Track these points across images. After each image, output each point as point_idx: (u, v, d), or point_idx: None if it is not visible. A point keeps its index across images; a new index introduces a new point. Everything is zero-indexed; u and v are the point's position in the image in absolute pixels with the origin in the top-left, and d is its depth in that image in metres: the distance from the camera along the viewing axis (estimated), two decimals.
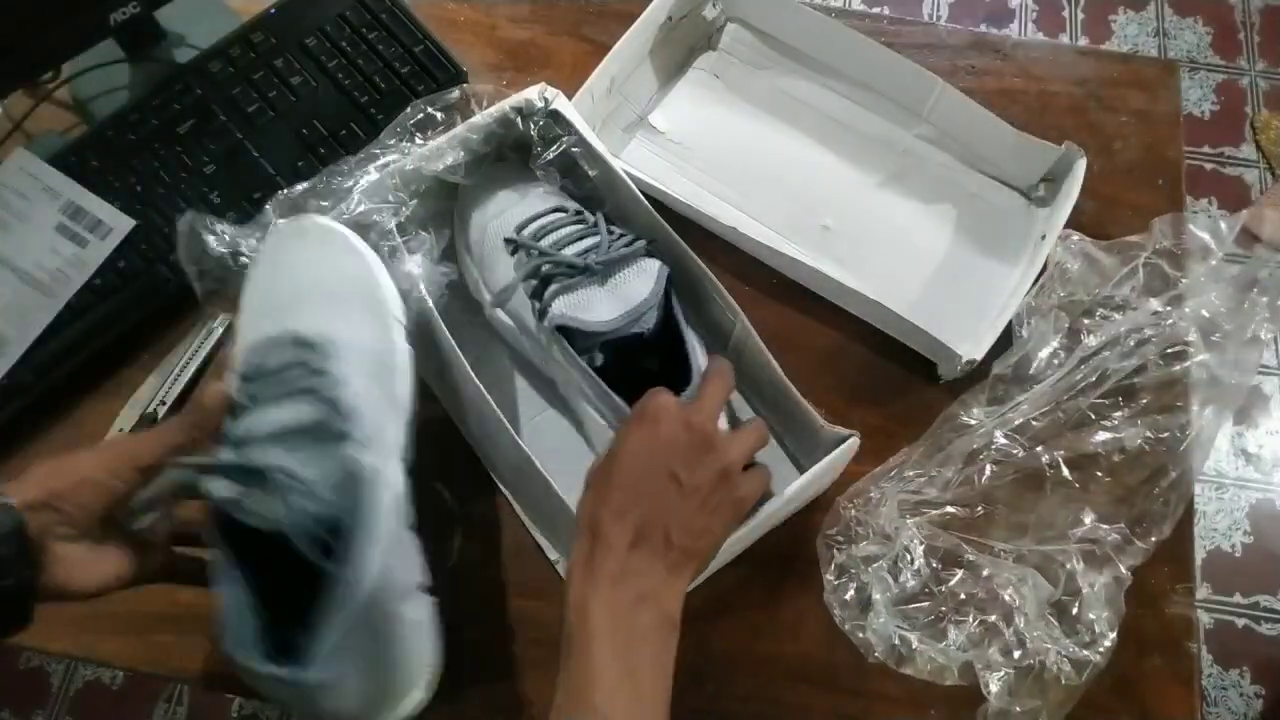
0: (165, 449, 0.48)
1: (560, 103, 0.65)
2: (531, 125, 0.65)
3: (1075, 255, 0.68)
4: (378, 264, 0.56)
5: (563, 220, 0.62)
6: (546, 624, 0.60)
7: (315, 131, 0.74)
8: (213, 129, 0.74)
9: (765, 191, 0.75)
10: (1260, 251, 1.51)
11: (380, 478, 0.48)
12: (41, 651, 0.68)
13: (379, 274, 0.56)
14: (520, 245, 0.61)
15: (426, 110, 0.66)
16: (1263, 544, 1.41)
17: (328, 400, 0.49)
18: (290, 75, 0.76)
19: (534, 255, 0.60)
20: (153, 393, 0.68)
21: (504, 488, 0.65)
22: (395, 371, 0.53)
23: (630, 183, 0.65)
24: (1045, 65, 0.81)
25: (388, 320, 0.54)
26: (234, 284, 0.58)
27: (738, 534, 0.55)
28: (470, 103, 0.66)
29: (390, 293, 0.55)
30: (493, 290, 0.64)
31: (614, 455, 0.50)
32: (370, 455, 0.49)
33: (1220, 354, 0.65)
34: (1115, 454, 0.63)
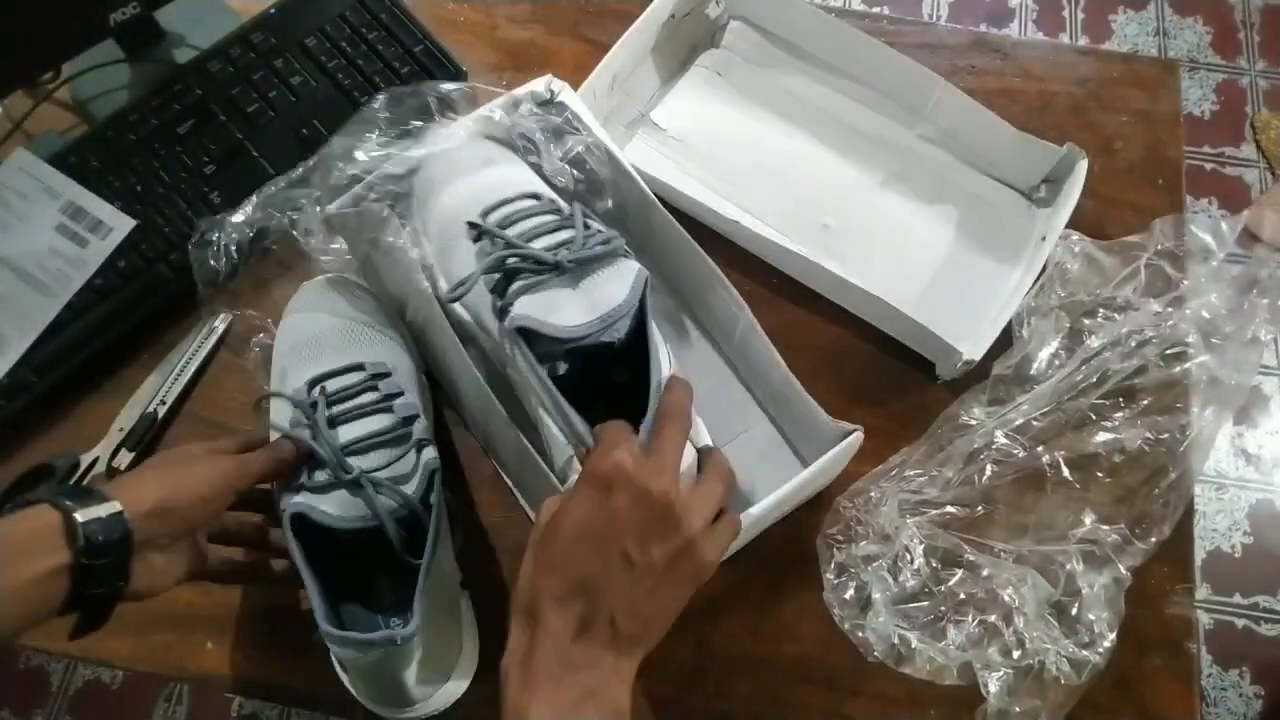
0: (258, 476, 0.52)
1: (566, 95, 0.65)
2: (535, 118, 0.64)
3: (1076, 256, 0.68)
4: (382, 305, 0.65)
5: (535, 208, 0.57)
6: None
7: (315, 131, 0.74)
8: (213, 129, 0.74)
9: (766, 189, 0.75)
10: (1260, 252, 1.51)
11: (439, 473, 0.56)
12: (41, 651, 0.68)
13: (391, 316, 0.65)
14: (485, 232, 0.56)
15: (427, 98, 0.65)
16: (1262, 544, 1.41)
17: (398, 409, 0.57)
18: (290, 75, 0.76)
19: (499, 245, 0.54)
20: (153, 393, 0.68)
21: (506, 477, 0.65)
22: (425, 387, 0.64)
23: (635, 175, 0.65)
24: (1045, 65, 0.81)
25: (409, 345, 0.64)
26: (235, 284, 0.63)
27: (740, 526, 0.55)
28: (463, 104, 0.66)
29: (403, 329, 0.65)
30: (450, 279, 0.58)
31: (557, 525, 0.45)
32: (431, 450, 0.57)
33: (1221, 355, 0.65)
34: (1115, 454, 0.63)
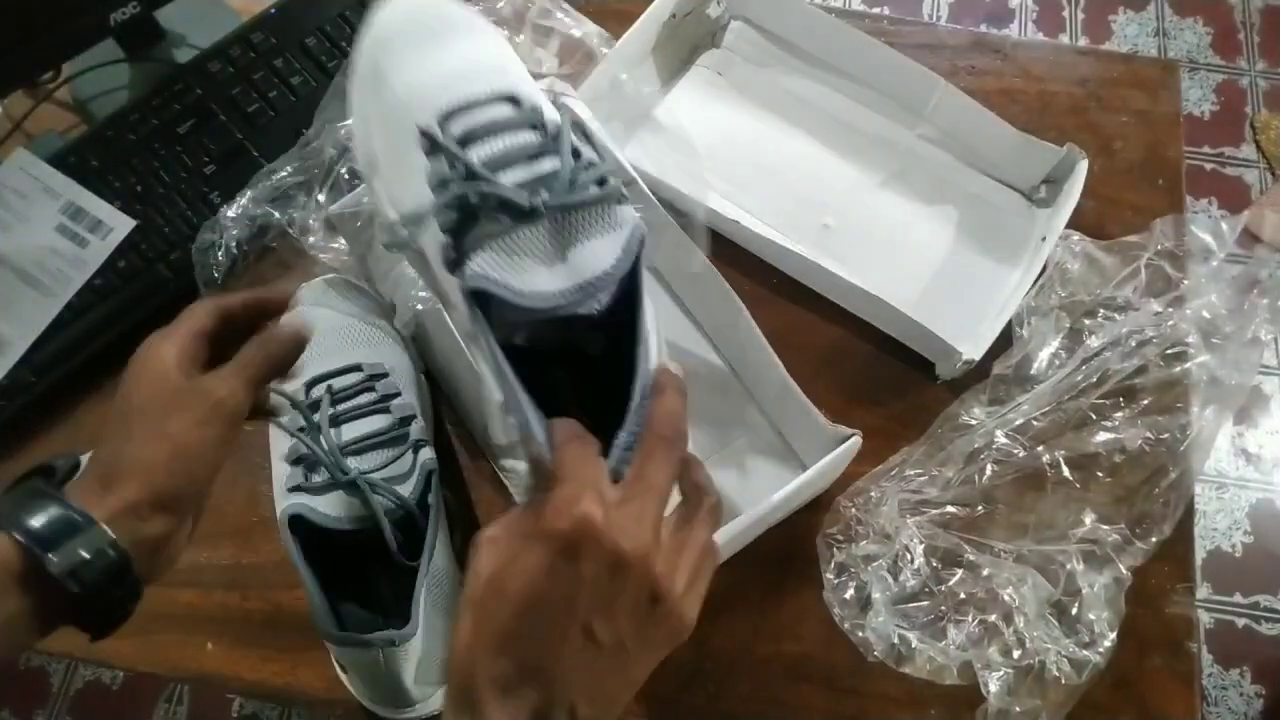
0: (247, 388, 0.42)
1: (567, 96, 0.65)
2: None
3: (1076, 256, 0.68)
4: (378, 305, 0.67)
5: (511, 121, 0.41)
6: None
7: None
8: (213, 129, 0.74)
9: (766, 189, 0.75)
10: (1261, 252, 1.51)
11: (436, 473, 0.58)
12: (41, 651, 0.68)
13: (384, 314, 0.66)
14: (440, 147, 0.40)
15: None
16: (1263, 544, 1.41)
17: (395, 410, 0.59)
18: (290, 75, 0.76)
19: (458, 172, 0.39)
20: None
21: (504, 478, 0.65)
22: (423, 387, 0.65)
23: (635, 175, 0.65)
24: (1045, 65, 0.81)
25: (408, 345, 0.65)
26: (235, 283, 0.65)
27: (736, 531, 0.55)
28: None
29: (392, 331, 0.66)
30: (400, 206, 0.42)
31: (502, 590, 0.33)
32: (429, 451, 0.59)
33: (1221, 355, 0.65)
34: (1116, 454, 0.63)
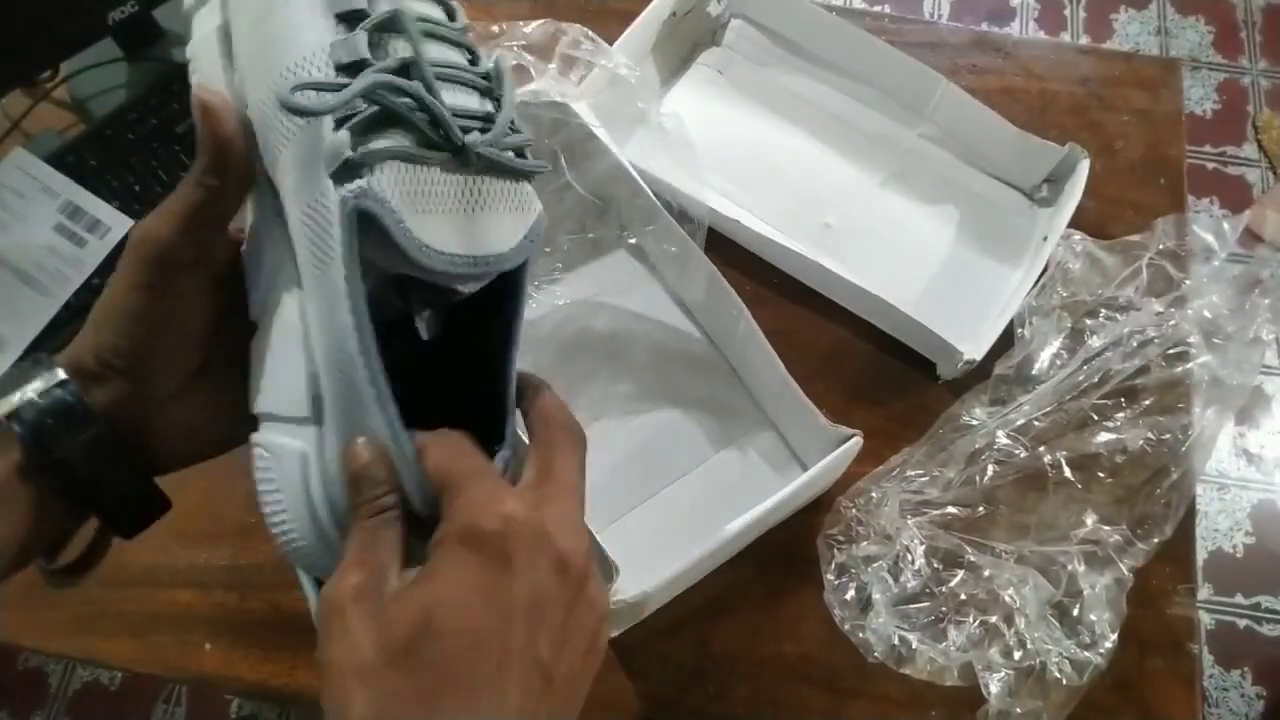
0: (170, 221, 0.31)
1: (568, 95, 0.65)
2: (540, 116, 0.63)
3: (1077, 255, 0.68)
4: None
5: (449, 32, 0.33)
6: None
7: None
8: None
9: (767, 188, 0.75)
10: (1262, 252, 1.51)
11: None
12: (40, 652, 0.68)
13: None
14: (367, 21, 0.30)
15: None
16: (1264, 545, 1.41)
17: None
18: None
19: (382, 58, 0.30)
20: None
21: None
22: None
23: (635, 174, 0.65)
24: (1047, 64, 0.81)
25: None
26: None
27: (736, 531, 0.55)
28: None
29: None
30: (274, 45, 0.31)
31: (431, 630, 0.26)
32: None
33: (1222, 355, 0.64)
34: (1117, 454, 0.63)
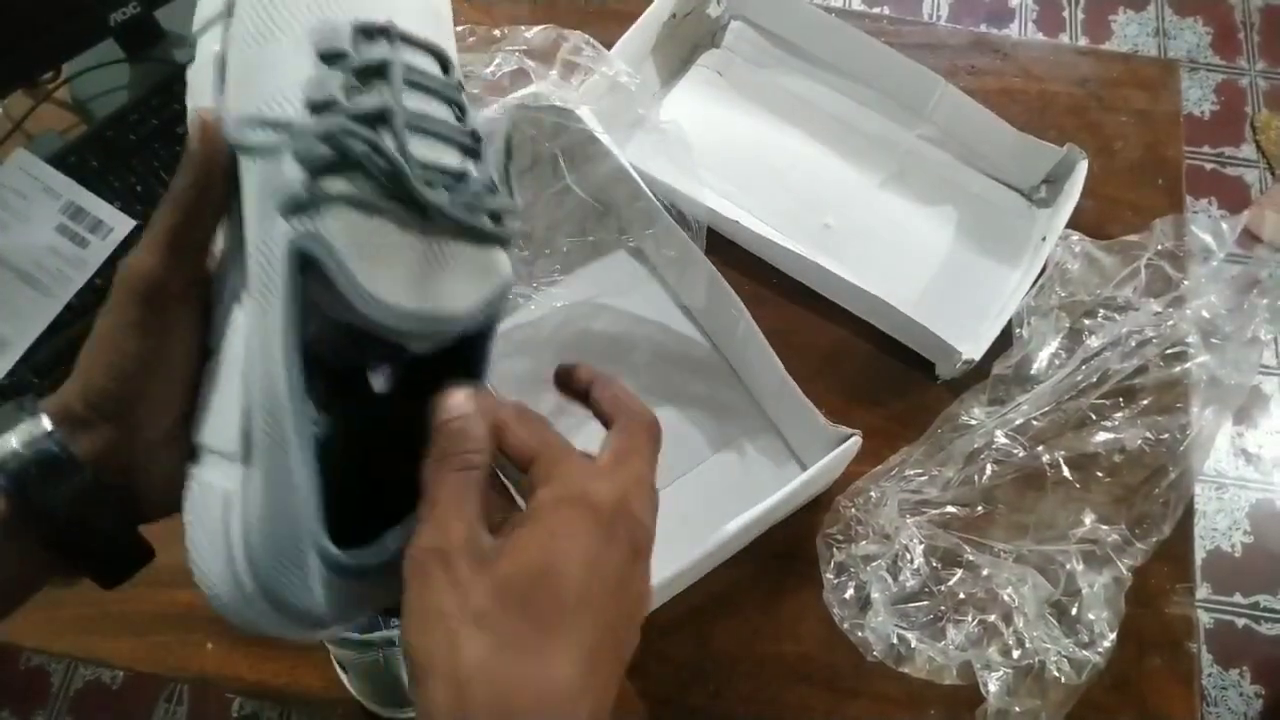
0: (158, 252, 0.31)
1: (568, 97, 0.65)
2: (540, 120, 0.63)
3: (1076, 256, 0.68)
4: None
5: (438, 85, 0.32)
6: None
7: None
8: None
9: (767, 189, 0.75)
10: (1260, 252, 1.51)
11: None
12: (42, 651, 0.68)
13: None
14: (348, 63, 0.31)
15: None
16: (1263, 544, 1.41)
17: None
18: None
19: (353, 102, 0.30)
20: None
21: (504, 475, 0.65)
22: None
23: (635, 175, 0.65)
24: (1045, 65, 0.81)
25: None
26: None
27: (736, 531, 0.55)
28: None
29: None
30: (249, 89, 0.32)
31: (544, 576, 0.29)
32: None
33: (1220, 355, 0.65)
34: (1116, 454, 0.63)
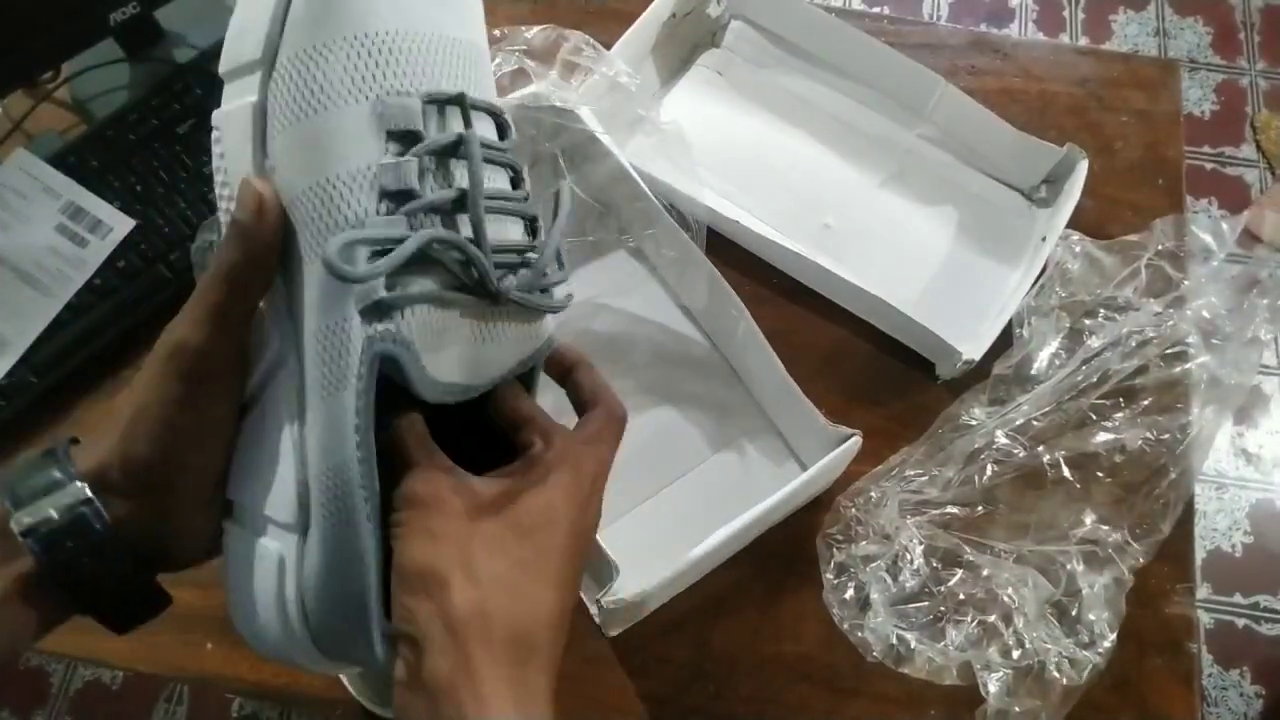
0: (203, 320, 0.35)
1: (568, 97, 0.65)
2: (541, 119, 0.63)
3: (1076, 256, 0.68)
4: None
5: (498, 154, 0.33)
6: None
7: None
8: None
9: (767, 189, 0.75)
10: (1261, 252, 1.51)
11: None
12: (41, 651, 0.68)
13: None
14: (426, 145, 0.30)
15: None
16: (1263, 544, 1.41)
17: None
18: None
19: (435, 192, 0.30)
20: None
21: None
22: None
23: (636, 175, 0.65)
24: (1045, 65, 0.81)
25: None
26: None
27: (736, 530, 0.55)
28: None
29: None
30: (313, 174, 0.31)
31: (550, 517, 0.33)
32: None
33: (1221, 355, 0.65)
34: (1116, 454, 0.63)
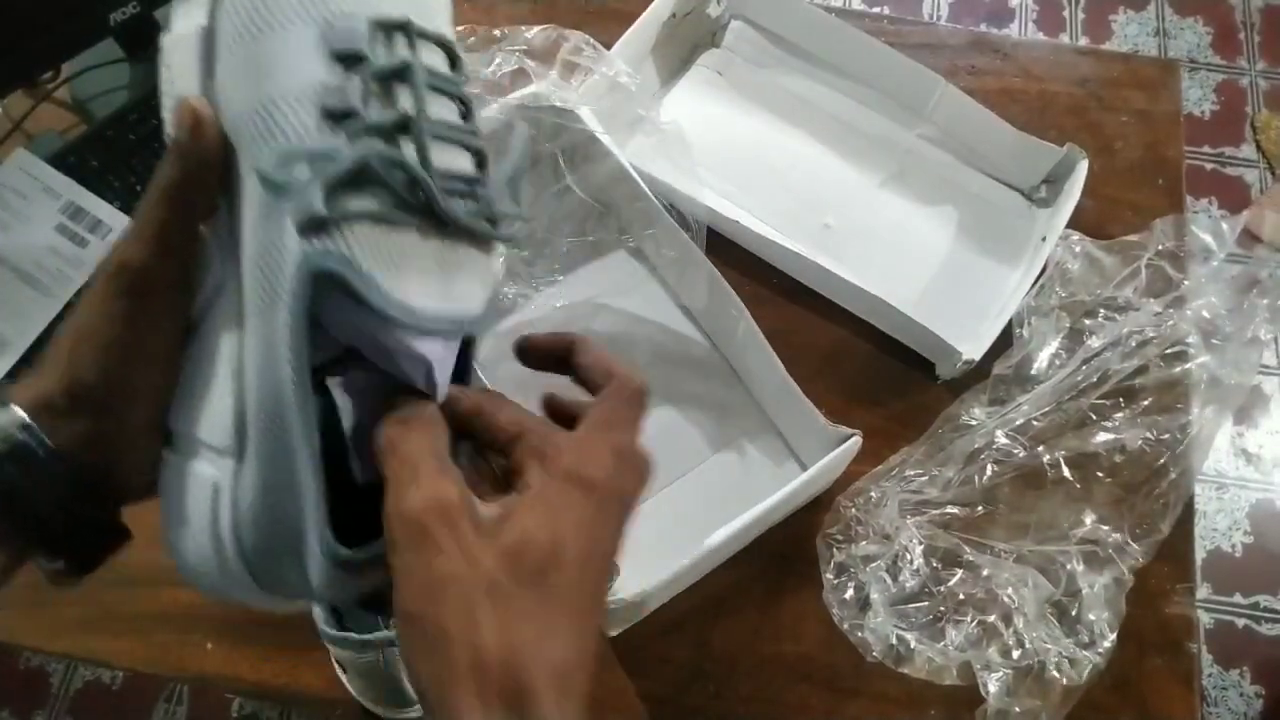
0: (143, 239, 0.31)
1: (568, 96, 0.65)
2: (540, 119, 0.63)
3: (1076, 256, 0.68)
4: None
5: (449, 83, 0.31)
6: None
7: None
8: None
9: (767, 189, 0.75)
10: (1261, 252, 1.51)
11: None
12: (41, 651, 0.68)
13: None
14: (368, 68, 0.29)
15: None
16: (1263, 544, 1.41)
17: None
18: None
19: (373, 113, 0.29)
20: None
21: None
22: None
23: (636, 175, 0.65)
24: (1045, 65, 0.81)
25: None
26: None
27: (736, 531, 0.55)
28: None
29: None
30: (256, 96, 0.31)
31: (556, 555, 0.27)
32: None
33: (1221, 355, 0.65)
34: (1116, 454, 0.63)
